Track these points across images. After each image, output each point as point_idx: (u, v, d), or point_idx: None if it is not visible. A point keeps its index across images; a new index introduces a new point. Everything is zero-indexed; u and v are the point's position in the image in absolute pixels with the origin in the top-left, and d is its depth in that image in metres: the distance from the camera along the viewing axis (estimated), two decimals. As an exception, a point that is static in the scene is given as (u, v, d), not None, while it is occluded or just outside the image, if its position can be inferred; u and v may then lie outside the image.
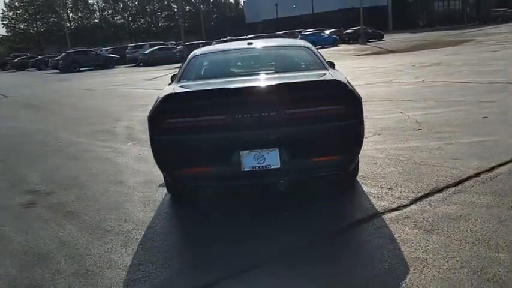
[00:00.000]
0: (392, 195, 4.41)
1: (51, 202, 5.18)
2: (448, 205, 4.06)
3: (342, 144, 3.96)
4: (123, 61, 40.60)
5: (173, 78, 6.58)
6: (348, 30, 46.54)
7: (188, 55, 5.47)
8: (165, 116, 3.90)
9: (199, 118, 3.83)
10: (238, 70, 5.06)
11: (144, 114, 11.17)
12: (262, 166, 3.87)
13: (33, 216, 4.79)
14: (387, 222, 3.84)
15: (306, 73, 4.63)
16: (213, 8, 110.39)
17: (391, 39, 42.18)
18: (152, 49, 39.81)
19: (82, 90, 19.57)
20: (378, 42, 40.73)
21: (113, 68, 37.67)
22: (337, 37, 43.81)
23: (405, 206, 4.13)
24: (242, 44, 5.37)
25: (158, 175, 5.77)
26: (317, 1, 67.39)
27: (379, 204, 4.21)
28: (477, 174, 4.73)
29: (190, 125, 3.85)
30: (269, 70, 4.89)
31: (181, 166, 4.01)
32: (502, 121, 6.99)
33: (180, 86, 4.44)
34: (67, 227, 4.39)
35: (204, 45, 36.41)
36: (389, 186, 4.63)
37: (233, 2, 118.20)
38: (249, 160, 3.87)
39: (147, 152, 7.08)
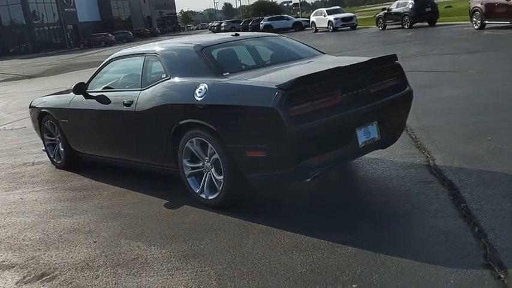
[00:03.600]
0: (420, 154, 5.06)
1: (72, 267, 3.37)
2: (481, 144, 5.05)
3: (406, 111, 4.52)
4: None
5: (78, 89, 5.12)
6: None
7: None
8: (293, 103, 3.53)
9: (321, 100, 3.69)
10: (266, 59, 4.81)
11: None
12: (371, 139, 4.03)
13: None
14: (475, 162, 4.53)
15: (326, 56, 4.92)
16: None
17: (7, 65, 38.57)
18: None
19: None
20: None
21: None
22: None
23: (453, 150, 4.97)
24: (228, 35, 5.03)
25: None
26: None
27: (435, 157, 4.83)
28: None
29: (319, 109, 3.66)
30: (294, 57, 4.76)
31: (315, 153, 3.73)
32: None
33: (237, 78, 4.04)
34: (179, 270, 3.12)
35: None
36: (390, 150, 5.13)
37: None
38: (361, 136, 3.98)
39: (71, 193, 5.22)
